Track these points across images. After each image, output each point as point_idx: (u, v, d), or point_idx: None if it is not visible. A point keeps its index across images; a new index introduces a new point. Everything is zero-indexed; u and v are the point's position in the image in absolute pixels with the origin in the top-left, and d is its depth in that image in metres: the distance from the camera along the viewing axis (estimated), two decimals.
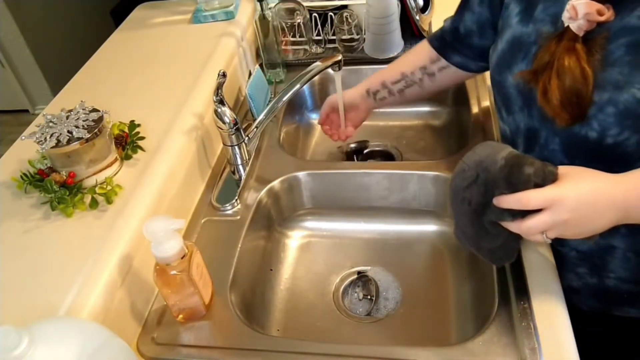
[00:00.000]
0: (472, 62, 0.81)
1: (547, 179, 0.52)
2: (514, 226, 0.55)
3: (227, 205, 0.86)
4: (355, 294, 0.84)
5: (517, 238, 0.59)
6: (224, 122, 0.83)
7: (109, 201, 0.71)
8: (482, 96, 1.03)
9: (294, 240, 0.95)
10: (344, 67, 1.16)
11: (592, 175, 0.53)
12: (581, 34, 0.55)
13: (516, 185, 0.53)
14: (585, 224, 0.52)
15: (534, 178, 0.52)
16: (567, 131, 0.60)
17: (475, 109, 1.00)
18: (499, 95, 0.70)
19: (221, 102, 0.82)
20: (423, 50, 0.86)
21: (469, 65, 0.82)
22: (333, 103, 0.95)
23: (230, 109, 0.83)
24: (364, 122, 1.21)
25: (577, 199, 0.51)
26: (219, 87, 0.81)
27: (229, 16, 1.16)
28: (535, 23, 0.62)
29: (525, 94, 0.64)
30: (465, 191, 0.57)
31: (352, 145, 1.11)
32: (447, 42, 0.82)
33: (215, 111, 0.82)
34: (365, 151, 1.13)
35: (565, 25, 0.55)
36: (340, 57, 0.86)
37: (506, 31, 0.66)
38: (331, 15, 1.18)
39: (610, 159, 0.58)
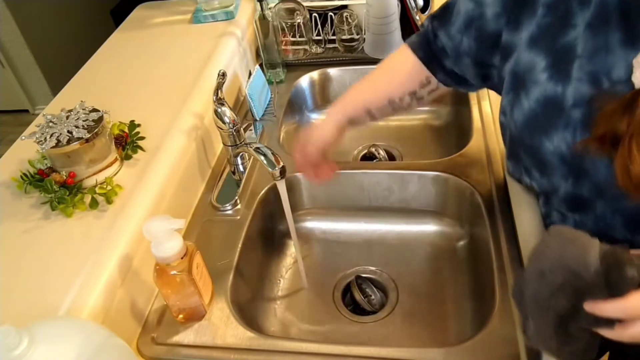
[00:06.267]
0: (452, 82, 0.72)
1: None
2: (612, 334, 0.47)
3: (227, 205, 0.86)
4: (355, 294, 0.84)
5: (599, 335, 0.51)
6: (224, 122, 0.83)
7: (109, 201, 0.71)
8: (482, 96, 1.03)
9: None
10: (344, 67, 1.18)
11: None
12: None
13: (617, 290, 0.46)
14: None
15: (638, 279, 0.45)
16: (633, 210, 0.53)
17: (475, 109, 1.00)
18: (529, 157, 0.60)
19: (221, 102, 0.82)
20: (410, 68, 0.73)
21: (451, 85, 0.73)
22: (316, 149, 0.76)
23: (230, 109, 0.83)
24: None
25: None
26: (219, 87, 0.81)
27: (229, 16, 1.16)
28: (572, 83, 0.53)
29: (574, 165, 0.55)
30: (550, 300, 0.49)
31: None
32: (432, 52, 0.71)
33: (215, 111, 0.82)
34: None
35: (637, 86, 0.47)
36: (282, 164, 0.73)
37: (532, 88, 0.56)
38: (331, 15, 1.18)
39: None
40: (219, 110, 0.82)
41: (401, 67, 0.75)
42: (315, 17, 1.19)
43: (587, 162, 0.53)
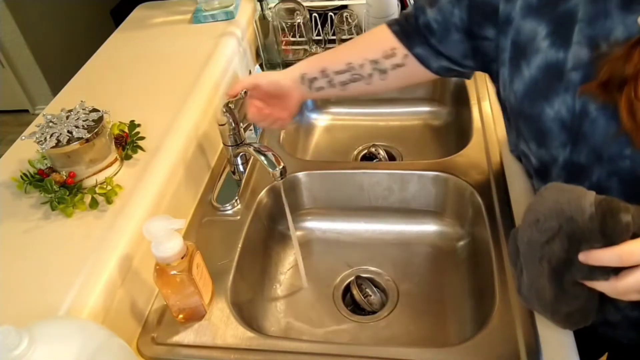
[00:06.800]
0: (434, 59, 0.70)
1: None
2: (606, 286, 0.46)
3: (227, 205, 0.86)
4: (355, 294, 0.84)
5: (596, 297, 0.50)
6: (224, 123, 0.83)
7: (109, 201, 0.71)
8: (482, 96, 1.03)
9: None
10: None
11: None
12: None
13: (612, 236, 0.44)
14: None
15: (632, 227, 0.44)
16: (629, 172, 0.54)
17: (475, 109, 1.00)
18: (528, 128, 0.60)
19: (230, 110, 0.82)
20: (379, 39, 0.72)
21: (430, 62, 0.70)
22: (260, 83, 0.76)
23: (234, 117, 0.83)
24: (365, 123, 1.22)
25: None
26: (234, 102, 0.81)
27: (229, 16, 1.16)
28: (572, 47, 0.54)
29: (573, 129, 0.55)
30: (544, 247, 0.48)
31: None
32: (409, 28, 0.70)
33: (219, 113, 0.82)
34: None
35: None
36: (282, 164, 0.74)
37: (534, 55, 0.57)
38: (331, 15, 1.18)
39: None
40: (225, 114, 0.82)
41: (368, 35, 0.75)
42: (315, 17, 1.19)
43: (585, 124, 0.54)
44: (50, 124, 0.73)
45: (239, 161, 0.90)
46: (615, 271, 0.45)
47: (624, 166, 0.54)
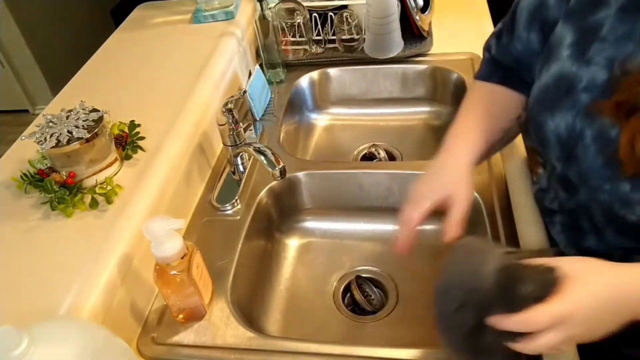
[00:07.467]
0: None
1: (549, 289, 0.45)
2: (519, 347, 0.47)
3: (227, 205, 0.86)
4: (355, 294, 0.84)
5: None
6: (224, 123, 0.83)
7: (109, 201, 0.71)
8: None
9: (294, 240, 0.95)
10: (344, 67, 1.18)
11: (598, 271, 0.47)
12: None
13: (513, 305, 0.45)
14: (600, 328, 0.46)
15: (533, 294, 0.45)
16: (606, 205, 0.54)
17: None
18: (535, 133, 0.60)
19: (230, 111, 0.82)
20: (506, 95, 0.70)
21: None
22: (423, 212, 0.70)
23: (233, 117, 0.83)
24: (365, 123, 1.22)
25: (588, 309, 0.44)
26: (233, 102, 0.81)
27: (229, 16, 1.16)
28: (588, 65, 0.52)
29: (567, 147, 0.55)
30: (454, 316, 0.50)
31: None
32: (507, 70, 0.70)
33: (219, 113, 0.82)
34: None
35: None
36: (282, 164, 0.75)
37: (553, 62, 0.56)
38: (331, 15, 1.17)
39: None
40: (223, 110, 0.82)
41: (496, 96, 0.72)
42: (315, 17, 1.19)
43: (578, 147, 0.54)
44: (50, 124, 0.73)
45: (239, 161, 0.90)
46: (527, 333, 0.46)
47: (602, 199, 0.54)
